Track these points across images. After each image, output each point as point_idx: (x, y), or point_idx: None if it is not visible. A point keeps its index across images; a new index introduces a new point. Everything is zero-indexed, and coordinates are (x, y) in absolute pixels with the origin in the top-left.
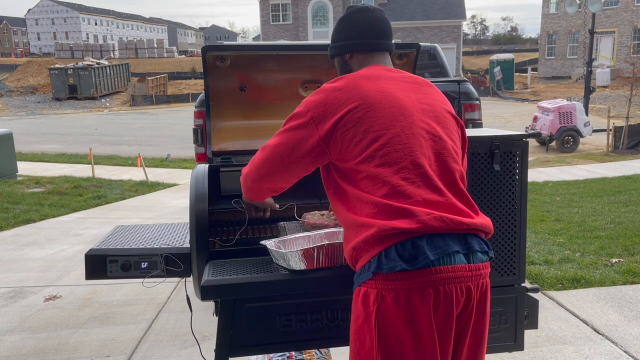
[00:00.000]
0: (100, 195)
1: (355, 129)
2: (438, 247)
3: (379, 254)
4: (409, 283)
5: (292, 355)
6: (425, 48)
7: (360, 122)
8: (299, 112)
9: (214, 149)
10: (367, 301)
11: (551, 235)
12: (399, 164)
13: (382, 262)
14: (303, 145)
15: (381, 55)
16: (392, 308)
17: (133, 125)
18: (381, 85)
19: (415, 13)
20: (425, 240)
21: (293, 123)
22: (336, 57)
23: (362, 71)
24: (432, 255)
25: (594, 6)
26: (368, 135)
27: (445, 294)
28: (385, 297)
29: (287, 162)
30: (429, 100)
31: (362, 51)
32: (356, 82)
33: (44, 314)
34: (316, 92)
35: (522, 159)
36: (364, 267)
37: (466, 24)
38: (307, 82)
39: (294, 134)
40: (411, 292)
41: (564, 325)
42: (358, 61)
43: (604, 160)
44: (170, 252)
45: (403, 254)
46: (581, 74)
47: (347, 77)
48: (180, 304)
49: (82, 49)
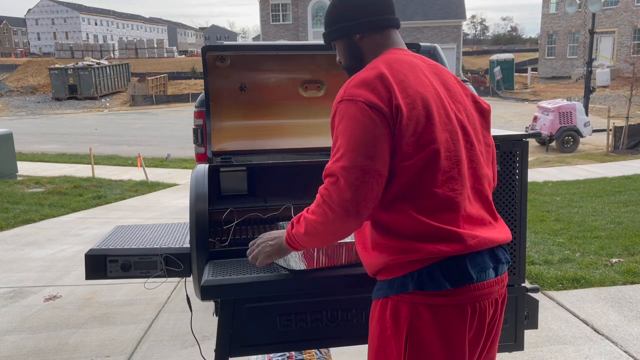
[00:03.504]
0: (100, 195)
1: (413, 126)
2: (477, 264)
3: (418, 271)
4: (449, 300)
5: (292, 355)
6: (425, 48)
7: (418, 119)
8: (354, 111)
9: (214, 149)
10: (397, 315)
11: (551, 235)
12: (448, 173)
13: (424, 282)
14: (384, 139)
15: (394, 33)
16: (429, 324)
17: (133, 125)
18: (422, 77)
19: (415, 13)
20: (467, 260)
21: (361, 121)
22: (339, 40)
23: (393, 57)
24: (474, 274)
25: (594, 6)
26: (425, 136)
27: (480, 310)
28: (422, 312)
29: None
30: (457, 94)
31: (376, 30)
32: (399, 71)
33: (44, 314)
34: (358, 84)
35: (522, 159)
36: (394, 280)
37: (466, 24)
38: (307, 82)
39: (373, 129)
40: (450, 308)
41: (564, 325)
42: (372, 43)
43: (604, 160)
44: (170, 252)
45: (448, 275)
46: (581, 74)
47: (385, 64)
48: (180, 304)
49: (82, 49)
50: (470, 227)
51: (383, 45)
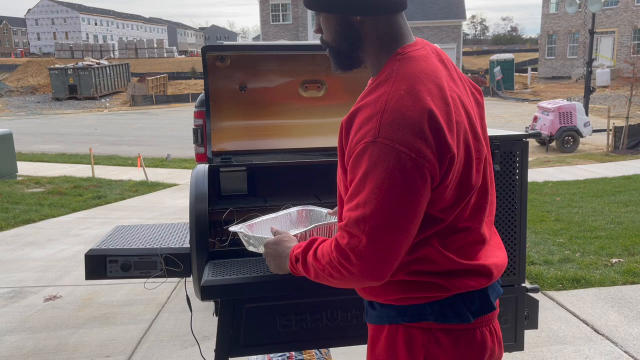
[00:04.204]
0: (100, 195)
1: (456, 170)
2: (494, 290)
3: (439, 303)
4: (468, 324)
5: (292, 355)
6: None
7: (460, 162)
8: (396, 162)
9: (214, 149)
10: (412, 343)
11: (551, 235)
12: (476, 205)
13: (446, 314)
14: (424, 198)
15: (403, 19)
16: (449, 351)
17: (133, 125)
18: (453, 94)
19: (415, 13)
20: (489, 290)
21: (403, 180)
22: (330, 14)
23: (420, 67)
24: (493, 302)
25: (594, 6)
26: (464, 179)
27: (496, 331)
28: (439, 338)
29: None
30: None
31: (384, 13)
32: (441, 95)
33: (44, 314)
34: (397, 121)
35: (522, 159)
36: (406, 308)
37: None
38: (307, 82)
39: (416, 195)
40: (470, 332)
41: (564, 325)
42: (375, 29)
43: (604, 160)
44: (170, 252)
45: (471, 307)
46: (581, 74)
47: (422, 84)
48: (180, 304)
49: (82, 49)
50: (491, 254)
51: (390, 37)
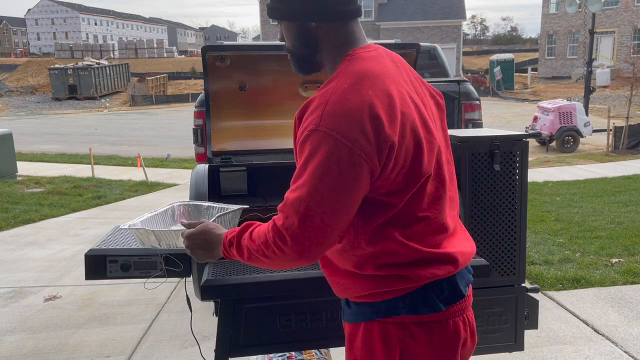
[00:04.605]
0: (100, 196)
1: (403, 158)
2: (463, 278)
3: (410, 295)
4: (440, 315)
5: (292, 356)
6: (425, 48)
7: (407, 151)
8: (327, 145)
9: (214, 149)
10: (387, 338)
11: (551, 235)
12: (433, 194)
13: (417, 306)
14: (360, 186)
15: (357, 25)
16: (423, 342)
17: (133, 125)
18: (402, 90)
19: (415, 13)
20: (457, 277)
21: (328, 164)
22: (288, 22)
23: (368, 66)
24: (464, 291)
25: (594, 6)
26: (415, 167)
27: (469, 321)
28: (414, 331)
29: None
30: (424, 95)
31: (337, 20)
32: (383, 89)
33: (44, 314)
34: (338, 112)
35: (522, 159)
36: (380, 304)
37: (466, 24)
38: (307, 82)
39: (340, 177)
40: (443, 323)
41: (564, 325)
42: (330, 34)
43: (604, 160)
44: (170, 252)
45: (440, 295)
46: (581, 74)
47: (367, 79)
48: (180, 304)
49: (82, 49)
50: (456, 243)
51: (344, 41)
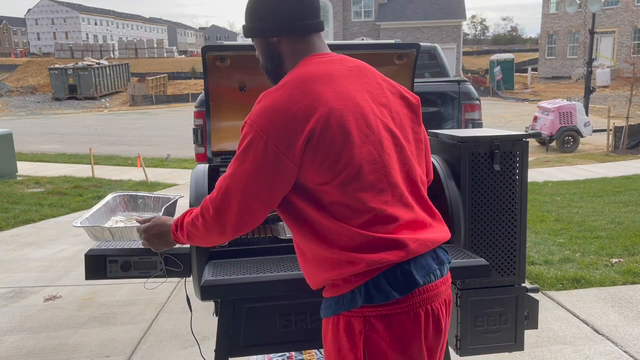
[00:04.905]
0: (100, 195)
1: (326, 150)
2: (422, 268)
3: (365, 284)
4: (399, 307)
5: (292, 356)
6: (425, 48)
7: (332, 142)
8: (252, 142)
9: (214, 149)
10: (351, 330)
11: (551, 235)
12: (376, 187)
13: (372, 295)
14: (280, 180)
15: (316, 37)
16: (383, 334)
17: (133, 125)
18: (339, 89)
19: (415, 13)
20: (411, 265)
21: (252, 158)
22: (256, 38)
23: (308, 70)
24: (420, 279)
25: (594, 6)
26: (342, 157)
27: (433, 312)
28: (374, 324)
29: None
30: (381, 95)
31: (295, 35)
32: (312, 89)
33: (43, 314)
34: (263, 109)
35: (522, 159)
36: (343, 297)
37: (466, 24)
38: None
39: (261, 171)
40: (402, 315)
41: (564, 325)
42: (290, 47)
43: (604, 160)
44: (170, 252)
45: (394, 283)
46: (581, 74)
47: (296, 82)
48: (180, 304)
49: (82, 49)
50: (410, 233)
51: (302, 52)
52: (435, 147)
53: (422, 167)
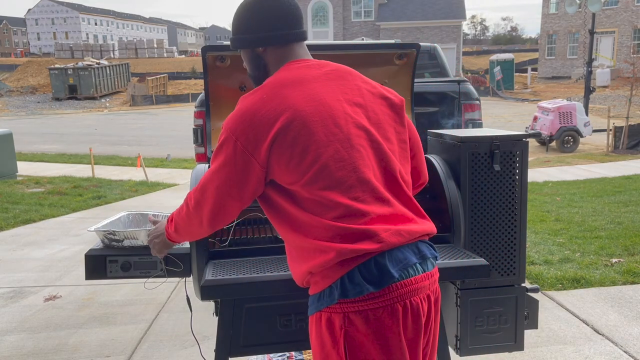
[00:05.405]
0: (100, 196)
1: (290, 151)
2: (399, 261)
3: (341, 279)
4: (376, 302)
5: (292, 356)
6: (425, 48)
7: (295, 143)
8: (225, 142)
9: (213, 148)
10: (332, 326)
11: (551, 235)
12: (345, 183)
13: (347, 289)
14: (248, 179)
15: (298, 45)
16: (362, 329)
17: (133, 125)
18: (308, 92)
19: (415, 13)
20: (386, 258)
21: (224, 157)
22: (243, 49)
23: (282, 75)
24: (395, 273)
25: (594, 6)
26: (306, 157)
27: (412, 307)
28: (353, 320)
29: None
30: (357, 95)
31: (278, 44)
32: (281, 93)
33: (43, 314)
34: (236, 113)
35: (522, 159)
36: (323, 293)
37: (466, 24)
38: None
39: (231, 170)
40: (380, 310)
41: (564, 325)
42: (274, 56)
43: (604, 160)
44: (170, 252)
45: (368, 276)
46: (581, 74)
47: (268, 87)
48: (180, 304)
49: (82, 49)
50: (385, 225)
51: (284, 59)
52: (435, 147)
53: (406, 167)
